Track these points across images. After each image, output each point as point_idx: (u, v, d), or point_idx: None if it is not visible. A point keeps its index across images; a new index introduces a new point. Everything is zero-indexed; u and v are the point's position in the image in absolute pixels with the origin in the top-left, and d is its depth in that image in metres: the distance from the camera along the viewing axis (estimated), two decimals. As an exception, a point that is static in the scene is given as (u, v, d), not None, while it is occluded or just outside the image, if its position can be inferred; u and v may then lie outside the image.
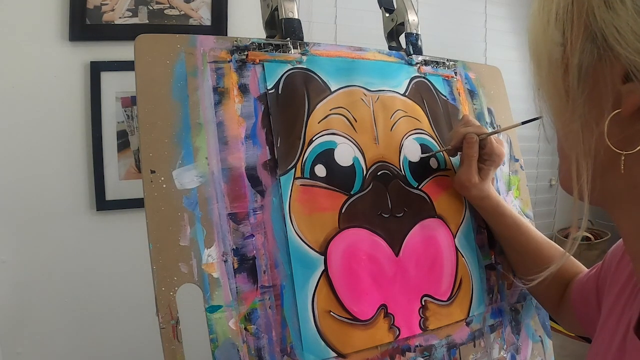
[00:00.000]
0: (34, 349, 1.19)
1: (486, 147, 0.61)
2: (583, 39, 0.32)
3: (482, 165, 0.61)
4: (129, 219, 1.22)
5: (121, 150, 1.25)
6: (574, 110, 0.33)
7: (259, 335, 0.49)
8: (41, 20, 1.16)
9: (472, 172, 0.61)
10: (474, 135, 0.60)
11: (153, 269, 0.46)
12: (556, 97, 0.35)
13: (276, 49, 0.58)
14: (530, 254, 0.62)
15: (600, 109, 0.32)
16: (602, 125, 0.32)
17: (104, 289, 1.23)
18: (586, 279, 0.56)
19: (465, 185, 0.62)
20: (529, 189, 0.79)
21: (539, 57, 0.36)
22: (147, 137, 0.49)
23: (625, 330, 0.40)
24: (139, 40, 0.50)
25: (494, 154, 0.61)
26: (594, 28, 0.31)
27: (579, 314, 0.57)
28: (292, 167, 0.55)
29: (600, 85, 0.32)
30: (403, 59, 0.68)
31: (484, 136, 0.60)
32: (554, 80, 0.35)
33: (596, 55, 0.31)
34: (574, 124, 0.33)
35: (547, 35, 0.34)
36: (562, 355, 1.14)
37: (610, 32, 0.30)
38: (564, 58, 0.33)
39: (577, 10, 0.32)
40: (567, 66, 0.33)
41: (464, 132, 0.61)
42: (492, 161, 0.61)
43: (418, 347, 0.58)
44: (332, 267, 0.53)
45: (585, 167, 0.34)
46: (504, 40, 1.90)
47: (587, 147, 0.33)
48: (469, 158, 0.60)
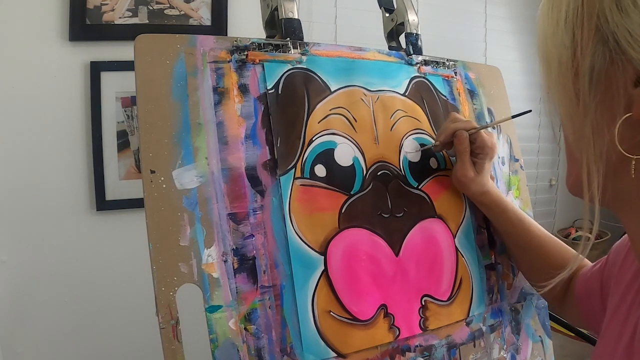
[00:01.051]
0: (34, 349, 1.19)
1: (477, 141, 0.61)
2: (594, 42, 0.31)
3: (475, 160, 0.62)
4: (129, 219, 1.22)
5: (121, 150, 1.25)
6: (585, 114, 0.33)
7: (258, 335, 0.49)
8: (41, 20, 1.16)
9: (467, 167, 0.61)
10: (463, 131, 0.60)
11: (153, 269, 0.46)
12: (566, 100, 0.34)
13: (276, 49, 0.58)
14: (534, 249, 0.62)
15: (612, 113, 0.32)
16: (613, 130, 0.32)
17: (104, 289, 1.23)
18: (590, 274, 0.56)
19: (462, 181, 0.62)
20: (529, 189, 0.79)
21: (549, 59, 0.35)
22: (147, 137, 0.49)
23: (632, 331, 0.39)
24: (139, 40, 0.50)
25: (485, 146, 0.61)
26: (605, 31, 0.30)
27: (582, 309, 0.57)
28: (292, 167, 0.55)
29: (612, 89, 0.31)
30: (403, 59, 0.68)
31: (474, 131, 0.61)
32: (564, 83, 0.34)
33: (608, 59, 0.31)
34: (585, 127, 0.33)
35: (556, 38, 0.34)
36: (562, 355, 1.14)
37: (622, 34, 0.30)
38: (574, 61, 0.33)
39: (587, 12, 0.31)
40: (578, 69, 0.33)
41: (454, 128, 0.61)
42: (484, 154, 0.61)
43: (418, 347, 0.58)
44: (332, 267, 0.53)
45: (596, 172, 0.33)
46: (504, 40, 1.90)
47: (598, 151, 0.33)
48: (461, 153, 0.61)
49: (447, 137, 0.61)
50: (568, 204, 2.14)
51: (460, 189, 0.64)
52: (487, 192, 0.63)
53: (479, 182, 0.62)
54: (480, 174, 0.62)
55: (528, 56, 1.95)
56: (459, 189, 0.64)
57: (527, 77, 1.95)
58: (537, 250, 0.62)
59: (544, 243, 0.62)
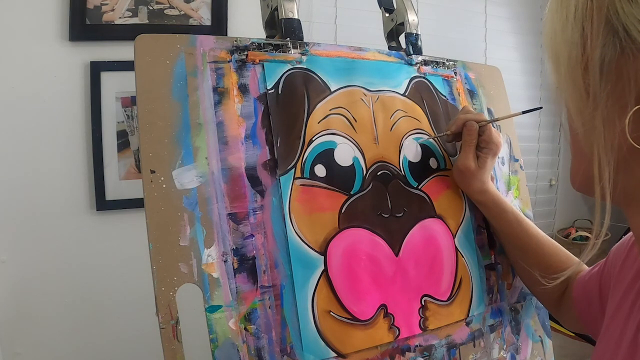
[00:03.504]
0: (34, 349, 1.19)
1: (484, 134, 0.62)
2: (604, 34, 0.31)
3: (479, 153, 0.62)
4: (129, 219, 1.22)
5: (121, 150, 1.25)
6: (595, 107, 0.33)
7: (258, 335, 0.49)
8: (41, 20, 1.16)
9: (470, 158, 0.61)
10: (474, 122, 0.61)
11: (153, 269, 0.46)
12: (576, 94, 0.35)
13: (276, 49, 0.58)
14: (532, 252, 0.62)
15: (623, 104, 0.32)
16: (624, 121, 0.32)
17: (104, 288, 1.23)
18: (588, 277, 0.56)
19: (463, 172, 0.62)
20: (529, 189, 0.79)
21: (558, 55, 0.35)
22: (147, 137, 0.49)
23: (635, 330, 0.39)
24: (139, 40, 0.50)
25: (491, 142, 0.62)
26: (615, 22, 0.31)
27: (580, 312, 0.57)
28: (292, 167, 0.55)
29: (622, 80, 0.32)
30: (403, 59, 0.68)
31: (484, 124, 0.62)
32: (574, 78, 0.34)
33: (618, 49, 0.31)
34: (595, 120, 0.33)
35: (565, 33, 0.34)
36: (562, 355, 1.14)
37: (632, 24, 0.30)
38: (584, 55, 0.33)
39: (597, 5, 0.32)
40: (587, 62, 0.33)
41: (464, 118, 0.62)
42: (489, 149, 0.62)
43: (418, 347, 0.58)
44: (332, 267, 0.53)
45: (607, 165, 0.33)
46: (504, 40, 1.90)
47: (609, 143, 0.33)
48: (467, 144, 0.62)
49: (457, 127, 0.63)
50: (568, 204, 2.14)
51: (460, 183, 0.64)
52: (487, 190, 0.63)
53: (479, 177, 0.62)
54: (482, 169, 0.62)
55: (528, 56, 1.95)
56: (459, 183, 0.65)
57: (527, 77, 1.95)
58: (534, 252, 0.62)
59: (542, 245, 0.62)
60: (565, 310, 0.61)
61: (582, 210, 2.12)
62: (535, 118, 2.01)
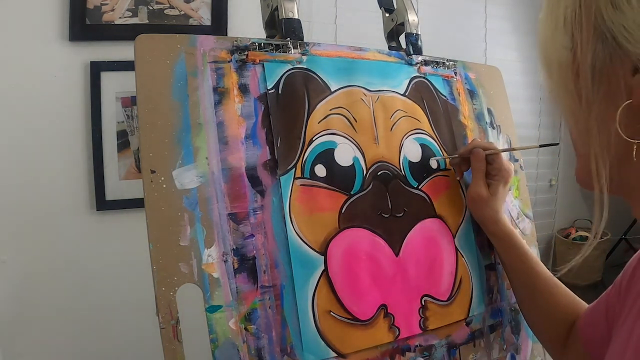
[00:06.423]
0: (34, 349, 1.19)
1: (495, 163, 0.63)
2: (593, 40, 0.33)
3: (490, 181, 0.63)
4: (129, 219, 1.22)
5: (121, 150, 1.25)
6: (588, 110, 0.34)
7: (259, 335, 0.49)
8: (41, 20, 1.16)
9: (481, 185, 0.62)
10: (481, 150, 0.63)
11: (153, 269, 0.46)
12: (569, 99, 0.36)
13: (276, 49, 0.58)
14: (539, 290, 0.61)
15: (615, 105, 0.33)
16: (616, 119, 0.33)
17: (104, 288, 1.23)
18: (595, 304, 0.55)
19: (475, 200, 0.63)
20: (529, 189, 0.79)
21: (549, 62, 0.37)
22: (147, 137, 0.49)
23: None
24: (139, 40, 0.50)
25: (502, 169, 0.63)
26: (603, 29, 0.32)
27: (585, 340, 0.55)
28: (292, 167, 0.55)
29: (612, 83, 0.33)
30: (403, 59, 0.68)
31: (491, 152, 0.63)
32: (566, 84, 0.36)
33: (607, 54, 0.33)
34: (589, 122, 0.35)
35: (555, 40, 0.36)
36: (562, 355, 1.13)
37: (618, 30, 0.32)
38: (574, 61, 0.35)
39: (585, 13, 0.33)
40: (579, 69, 0.34)
41: (473, 145, 0.64)
42: (500, 177, 0.63)
43: (418, 347, 0.58)
44: (332, 267, 0.53)
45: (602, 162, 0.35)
46: (504, 40, 1.90)
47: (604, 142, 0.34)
48: (476, 171, 0.63)
49: (465, 152, 0.64)
50: (568, 204, 2.14)
51: (474, 211, 0.65)
52: (499, 221, 0.63)
53: (492, 206, 0.62)
54: (494, 197, 0.62)
55: (528, 56, 1.95)
56: (472, 211, 0.65)
57: (527, 77, 1.95)
58: (541, 292, 0.61)
59: (550, 285, 0.61)
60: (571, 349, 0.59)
61: (582, 210, 2.12)
62: (536, 118, 2.02)
